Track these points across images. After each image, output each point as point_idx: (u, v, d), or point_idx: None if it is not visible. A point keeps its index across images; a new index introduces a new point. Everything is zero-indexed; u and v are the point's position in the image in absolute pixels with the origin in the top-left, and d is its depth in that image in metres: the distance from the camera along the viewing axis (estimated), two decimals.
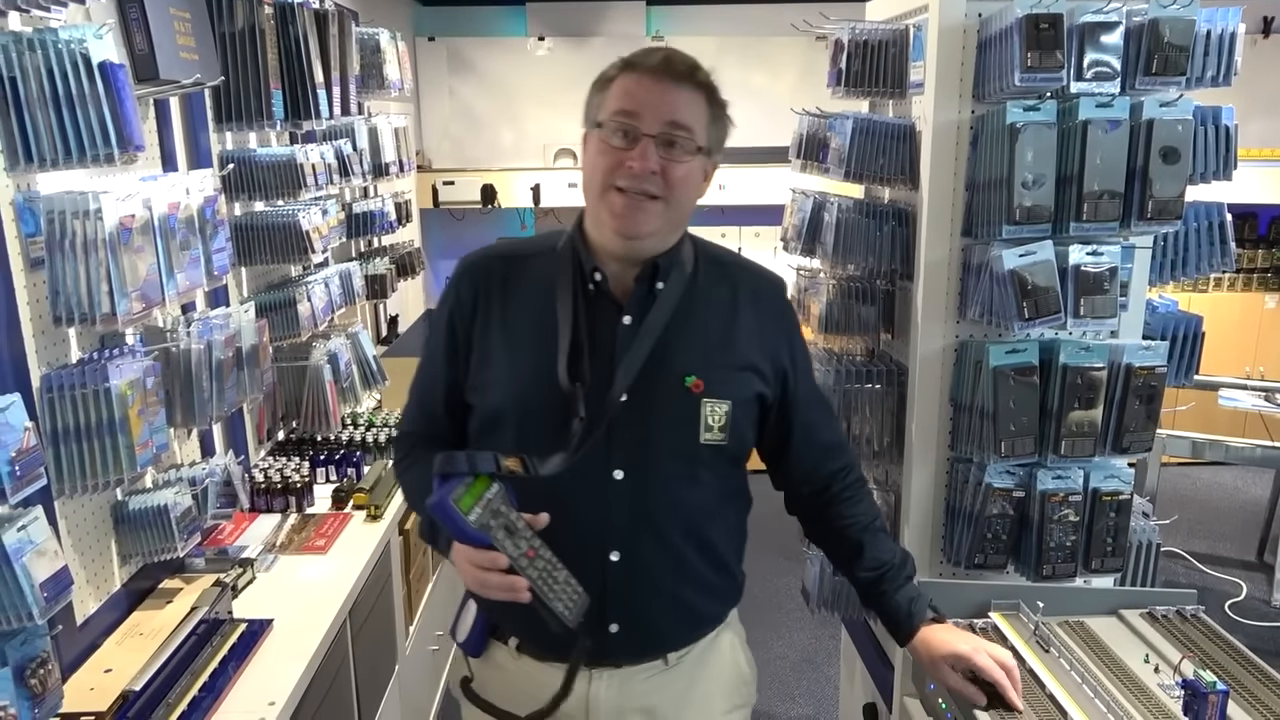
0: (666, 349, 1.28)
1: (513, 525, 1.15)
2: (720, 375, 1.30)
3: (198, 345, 1.81)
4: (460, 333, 1.33)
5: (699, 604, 1.38)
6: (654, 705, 1.35)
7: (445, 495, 1.12)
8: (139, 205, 1.59)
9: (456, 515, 1.11)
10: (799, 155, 2.01)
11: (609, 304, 1.30)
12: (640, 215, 1.23)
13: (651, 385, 1.27)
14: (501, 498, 1.15)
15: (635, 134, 1.21)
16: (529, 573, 1.14)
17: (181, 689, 1.57)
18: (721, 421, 1.29)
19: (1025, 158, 1.54)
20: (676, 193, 1.23)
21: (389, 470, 2.62)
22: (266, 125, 2.27)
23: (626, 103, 1.22)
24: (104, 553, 1.75)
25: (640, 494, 1.28)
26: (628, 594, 1.30)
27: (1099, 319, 1.58)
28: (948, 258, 1.70)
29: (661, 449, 1.29)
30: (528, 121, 5.29)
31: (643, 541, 1.29)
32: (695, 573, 1.35)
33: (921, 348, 1.74)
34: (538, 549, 1.16)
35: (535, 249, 1.37)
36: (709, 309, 1.33)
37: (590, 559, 1.27)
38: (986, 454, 1.64)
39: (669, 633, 1.36)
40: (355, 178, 2.84)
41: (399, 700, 2.46)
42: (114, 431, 1.57)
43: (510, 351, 1.30)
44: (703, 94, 1.24)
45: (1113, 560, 1.68)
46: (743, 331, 1.34)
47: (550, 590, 1.15)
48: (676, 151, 1.21)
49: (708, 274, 1.35)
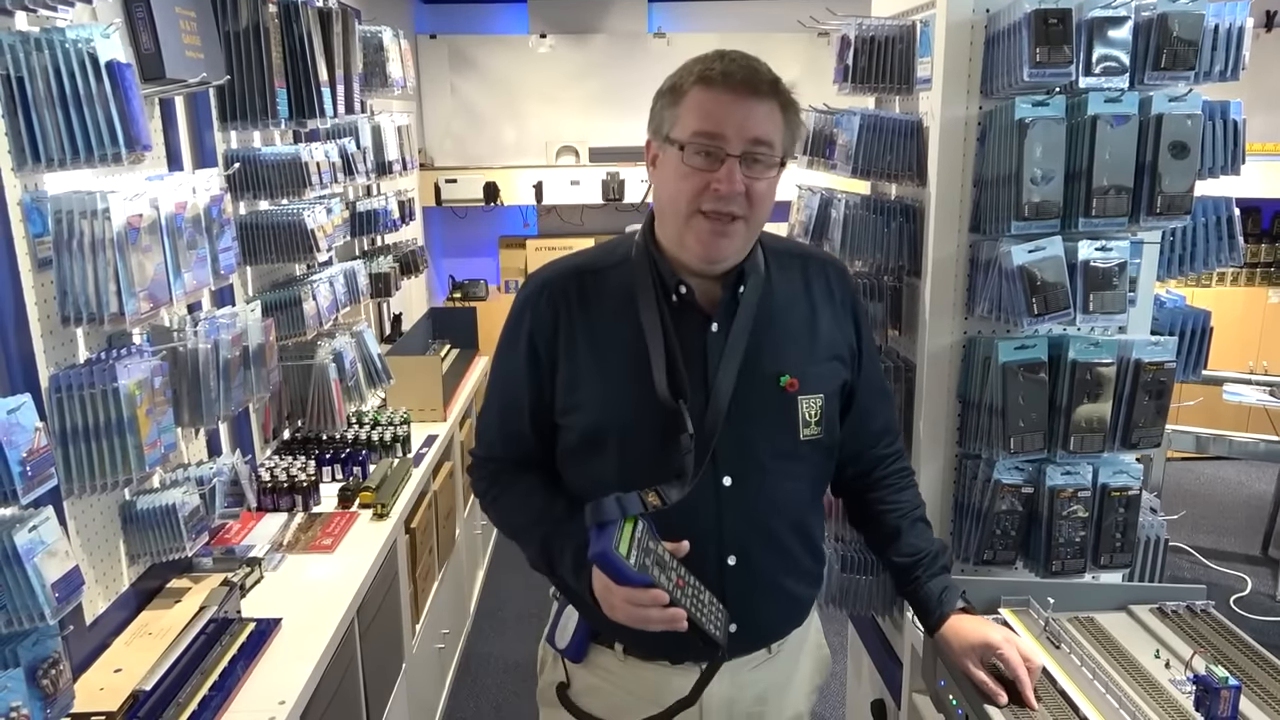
0: (758, 352, 1.29)
1: (662, 559, 1.18)
2: (811, 370, 1.32)
3: (204, 345, 1.81)
4: (543, 352, 1.32)
5: (802, 593, 1.42)
6: (761, 693, 1.39)
7: (608, 546, 1.14)
8: (146, 205, 1.59)
9: (620, 563, 1.13)
10: (805, 152, 2.01)
11: (695, 314, 1.29)
12: (725, 240, 1.23)
13: (749, 390, 1.28)
14: (649, 534, 1.18)
15: (719, 154, 1.19)
16: (683, 602, 1.16)
17: (192, 688, 1.57)
18: (817, 415, 1.32)
19: (1034, 153, 1.53)
20: (759, 209, 1.23)
21: (395, 468, 2.62)
22: (271, 124, 2.26)
23: (708, 123, 1.19)
24: (112, 553, 1.75)
25: (750, 498, 1.30)
26: (745, 595, 1.32)
27: (1108, 315, 1.57)
28: (955, 254, 1.70)
29: (766, 452, 1.31)
30: (530, 119, 5.29)
31: (754, 543, 1.32)
32: (799, 564, 1.38)
33: (929, 344, 1.74)
34: (684, 576, 1.19)
35: (608, 261, 1.35)
36: (789, 305, 1.34)
37: (709, 566, 1.29)
38: (995, 450, 1.64)
39: (778, 624, 1.40)
40: (359, 176, 2.84)
41: (406, 698, 2.46)
42: (122, 431, 1.57)
43: (602, 369, 1.29)
44: (783, 105, 1.22)
45: (1122, 556, 1.68)
46: (822, 322, 1.36)
47: (701, 614, 1.18)
48: (759, 169, 1.21)
49: (779, 269, 1.36)
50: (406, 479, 2.61)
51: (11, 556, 1.22)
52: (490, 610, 3.78)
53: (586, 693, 1.37)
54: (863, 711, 2.19)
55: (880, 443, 1.47)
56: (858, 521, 1.54)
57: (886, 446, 1.48)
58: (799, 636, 1.44)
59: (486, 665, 3.39)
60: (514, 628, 3.62)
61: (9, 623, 1.24)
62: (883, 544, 1.47)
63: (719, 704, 1.35)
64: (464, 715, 3.09)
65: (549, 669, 1.43)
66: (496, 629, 3.64)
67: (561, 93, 5.22)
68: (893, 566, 1.46)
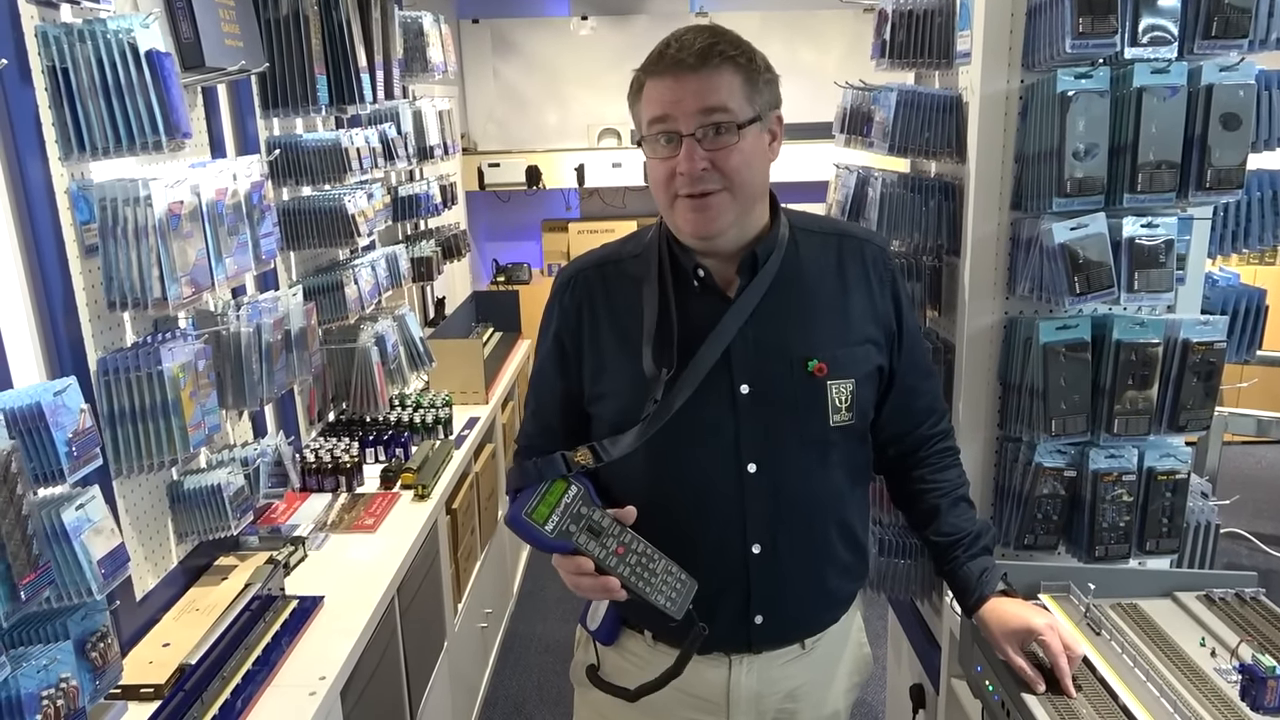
0: (785, 335, 1.27)
1: (597, 525, 1.16)
2: (842, 354, 1.28)
3: (247, 329, 1.85)
4: (569, 345, 1.34)
5: (838, 587, 1.39)
6: (792, 689, 1.37)
7: (518, 511, 1.14)
8: (187, 192, 1.63)
9: (532, 528, 1.14)
10: (843, 129, 1.97)
11: (717, 298, 1.28)
12: (707, 215, 1.21)
13: (774, 374, 1.27)
14: (582, 499, 1.17)
15: (675, 137, 1.19)
16: (620, 570, 1.15)
17: (236, 662, 1.61)
18: (848, 401, 1.28)
19: (1077, 127, 1.49)
20: (738, 177, 1.20)
21: (436, 450, 2.65)
22: (312, 110, 2.29)
23: (656, 109, 1.20)
24: (160, 531, 1.81)
25: (776, 485, 1.28)
26: (771, 585, 1.30)
27: (1154, 293, 1.52)
28: (996, 232, 1.66)
29: (793, 438, 1.28)
30: (572, 102, 5.29)
31: (782, 532, 1.30)
32: (834, 556, 1.35)
33: (969, 325, 1.70)
34: (629, 543, 1.17)
35: (629, 251, 1.36)
36: (819, 285, 1.31)
37: (731, 553, 1.28)
38: (1036, 433, 1.60)
39: (811, 619, 1.38)
40: (399, 161, 2.86)
41: (448, 677, 2.50)
42: (167, 413, 1.61)
43: (624, 356, 1.30)
44: (728, 67, 1.18)
45: (1168, 541, 1.63)
46: (856, 302, 1.31)
47: (648, 584, 1.16)
48: (722, 139, 1.18)
49: (809, 248, 1.32)
50: (448, 460, 2.64)
51: (60, 534, 1.26)
52: (532, 591, 3.82)
53: (615, 674, 1.37)
54: (902, 696, 2.17)
55: (925, 423, 1.44)
56: (899, 501, 1.51)
57: (931, 426, 1.45)
58: (838, 633, 1.41)
59: (529, 645, 3.43)
60: (555, 609, 3.66)
61: (59, 597, 1.28)
62: (923, 523, 1.44)
63: (746, 699, 1.34)
64: (507, 693, 3.13)
65: (581, 650, 1.45)
66: (539, 610, 3.68)
67: (603, 75, 5.20)
68: (932, 546, 1.43)
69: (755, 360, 1.26)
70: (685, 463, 1.27)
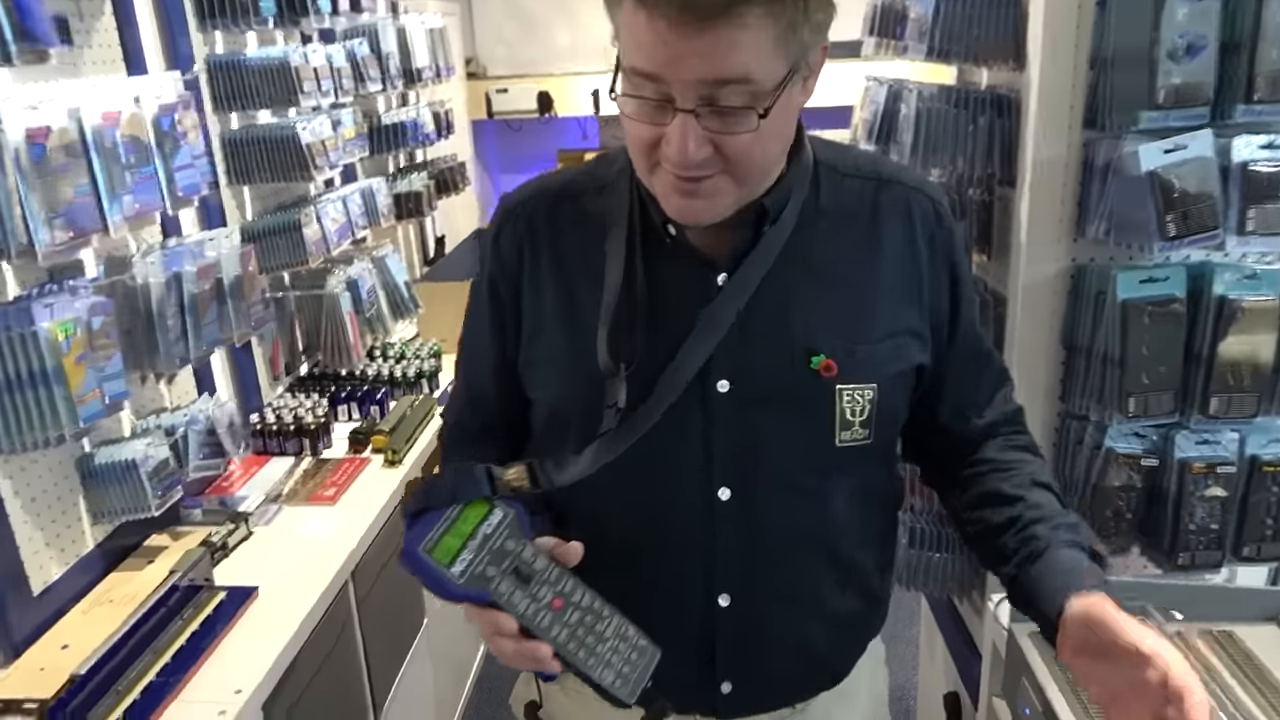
0: (783, 315, 0.92)
1: (527, 568, 0.83)
2: (862, 350, 0.93)
3: (157, 279, 1.57)
4: (506, 298, 1.00)
5: (833, 648, 1.06)
6: None
7: (414, 543, 0.81)
8: (60, 115, 1.34)
9: (431, 569, 0.80)
10: (872, 32, 1.62)
11: (694, 262, 0.93)
12: (697, 201, 0.85)
13: (764, 367, 0.92)
14: (509, 529, 0.84)
15: (667, 106, 0.80)
16: (555, 634, 0.81)
17: (138, 672, 1.38)
18: (864, 414, 0.94)
19: (1174, 18, 1.19)
20: (748, 161, 0.84)
21: (415, 408, 2.40)
22: (255, 23, 1.98)
23: (644, 60, 0.79)
24: (68, 511, 1.58)
25: (754, 517, 0.95)
26: (742, 645, 0.99)
27: (1272, 236, 1.20)
28: (1064, 156, 1.34)
29: (781, 457, 0.95)
30: (585, 19, 4.90)
31: (760, 578, 0.97)
32: (829, 608, 1.01)
33: (1026, 274, 1.39)
34: (569, 594, 0.83)
35: (592, 182, 1.00)
36: (841, 251, 0.95)
37: (691, 604, 0.97)
38: (1109, 411, 1.30)
39: (796, 684, 1.05)
40: (371, 83, 2.54)
41: (429, 660, 2.29)
42: (47, 382, 1.36)
43: (568, 330, 0.96)
44: (757, 10, 0.76)
45: (1272, 546, 1.32)
46: (890, 275, 0.96)
47: (591, 653, 0.81)
48: (731, 121, 0.80)
49: (834, 195, 0.96)
50: (428, 419, 2.38)
51: None
52: None
53: (561, 716, 1.10)
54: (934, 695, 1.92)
55: (982, 417, 1.06)
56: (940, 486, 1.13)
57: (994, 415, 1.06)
58: (838, 690, 1.08)
59: None
60: None
61: None
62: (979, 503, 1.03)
63: None
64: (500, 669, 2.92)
65: (521, 682, 1.17)
66: None
67: None
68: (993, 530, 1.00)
69: (739, 348, 0.92)
70: (636, 483, 0.94)
